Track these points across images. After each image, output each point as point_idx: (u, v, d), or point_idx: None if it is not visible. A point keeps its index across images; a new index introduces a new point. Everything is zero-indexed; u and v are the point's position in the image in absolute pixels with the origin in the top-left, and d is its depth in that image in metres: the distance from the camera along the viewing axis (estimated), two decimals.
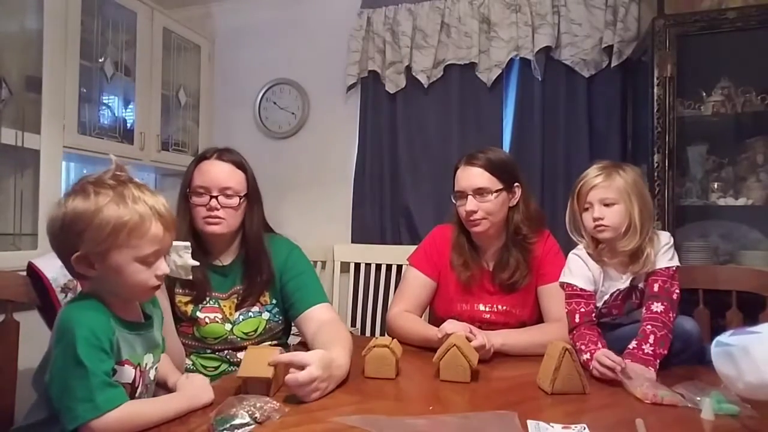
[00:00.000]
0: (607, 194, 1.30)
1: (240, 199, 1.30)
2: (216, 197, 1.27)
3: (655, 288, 1.28)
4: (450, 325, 1.28)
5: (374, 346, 1.14)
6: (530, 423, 0.87)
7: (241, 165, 1.34)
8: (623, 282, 1.34)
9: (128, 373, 0.90)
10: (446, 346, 1.12)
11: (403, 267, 2.33)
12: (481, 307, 1.50)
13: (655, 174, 1.90)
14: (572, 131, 2.30)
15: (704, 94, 1.97)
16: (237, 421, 0.84)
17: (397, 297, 1.58)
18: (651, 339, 1.20)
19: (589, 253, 1.36)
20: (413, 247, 1.69)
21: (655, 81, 1.90)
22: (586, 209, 1.34)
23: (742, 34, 1.88)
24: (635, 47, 2.18)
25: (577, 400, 1.01)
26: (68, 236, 0.85)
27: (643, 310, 1.27)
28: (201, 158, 1.33)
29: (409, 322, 1.48)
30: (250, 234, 1.35)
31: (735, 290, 1.51)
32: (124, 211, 0.85)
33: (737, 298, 1.50)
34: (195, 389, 0.97)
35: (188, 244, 1.13)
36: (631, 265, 1.32)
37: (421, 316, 1.57)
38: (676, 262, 1.32)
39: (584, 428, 0.86)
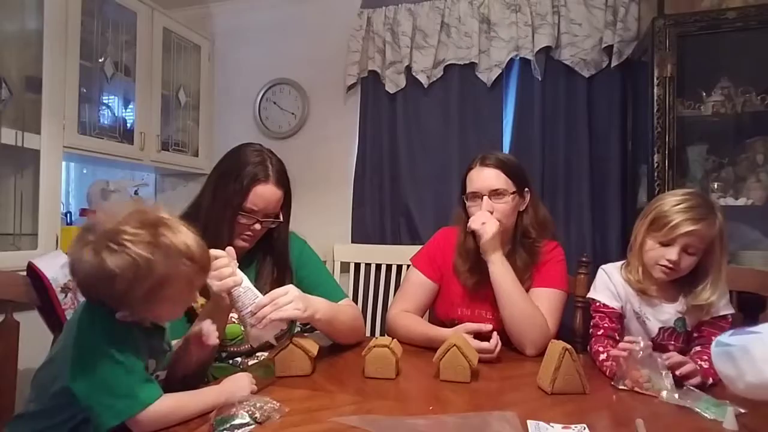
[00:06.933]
0: (698, 244, 1.18)
1: (276, 217, 1.32)
2: (262, 221, 1.28)
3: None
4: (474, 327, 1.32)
5: (374, 346, 1.14)
6: (530, 423, 0.87)
7: (289, 188, 1.34)
8: (668, 318, 1.25)
9: None
10: (446, 346, 1.12)
11: (404, 267, 2.34)
12: (484, 313, 1.48)
13: (655, 174, 1.90)
14: (572, 131, 2.30)
15: (704, 94, 1.97)
16: (237, 421, 0.84)
17: (398, 297, 1.58)
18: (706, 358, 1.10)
19: (629, 279, 1.27)
20: (413, 247, 1.69)
21: (655, 81, 1.90)
22: (664, 244, 1.20)
23: (742, 34, 1.88)
24: (635, 47, 2.18)
25: (577, 400, 1.01)
26: (105, 292, 0.83)
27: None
28: (257, 179, 1.26)
29: (410, 322, 1.48)
30: (278, 240, 1.36)
31: (735, 290, 1.51)
32: (164, 268, 0.83)
33: (737, 298, 1.50)
34: (233, 385, 0.96)
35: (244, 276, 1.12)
36: (680, 298, 1.24)
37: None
38: (731, 309, 1.24)
39: (584, 428, 0.86)
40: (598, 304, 1.30)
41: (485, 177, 1.44)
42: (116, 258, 0.80)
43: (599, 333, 1.28)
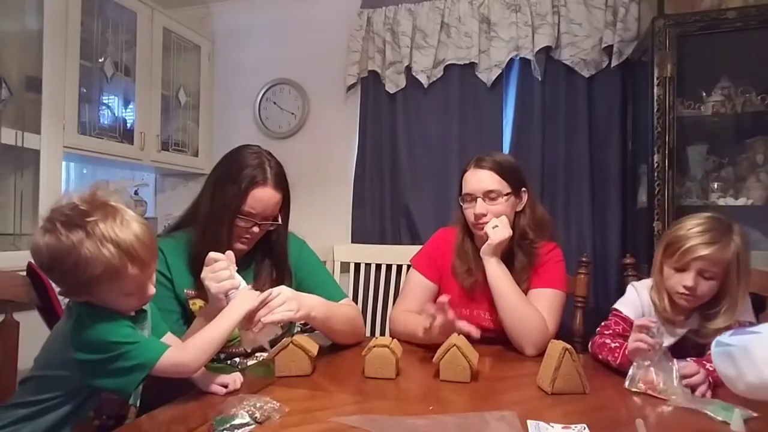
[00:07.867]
0: (713, 268, 1.15)
1: (275, 220, 1.32)
2: (260, 224, 1.28)
3: None
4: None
5: (374, 346, 1.14)
6: (530, 423, 0.87)
7: (287, 191, 1.33)
8: (672, 337, 1.21)
9: None
10: (446, 346, 1.12)
11: (404, 267, 2.35)
12: (482, 314, 1.48)
13: (655, 174, 1.90)
14: (572, 131, 2.30)
15: (704, 94, 1.97)
16: (237, 421, 0.84)
17: (399, 299, 1.59)
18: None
19: (654, 303, 1.25)
20: (413, 247, 1.69)
21: (655, 81, 1.90)
22: (679, 270, 1.18)
23: (742, 34, 1.88)
24: (635, 47, 2.18)
25: (577, 400, 1.01)
26: (47, 272, 0.89)
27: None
28: (255, 182, 1.25)
29: (411, 318, 1.47)
30: (276, 243, 1.36)
31: None
32: (97, 255, 0.83)
33: None
34: (230, 306, 1.05)
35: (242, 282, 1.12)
36: (694, 315, 1.21)
37: None
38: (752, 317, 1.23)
39: (584, 428, 0.86)
40: (619, 312, 1.29)
41: (479, 179, 1.44)
42: (47, 236, 0.85)
43: (607, 332, 1.28)
